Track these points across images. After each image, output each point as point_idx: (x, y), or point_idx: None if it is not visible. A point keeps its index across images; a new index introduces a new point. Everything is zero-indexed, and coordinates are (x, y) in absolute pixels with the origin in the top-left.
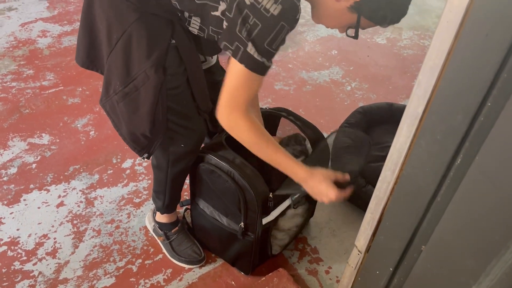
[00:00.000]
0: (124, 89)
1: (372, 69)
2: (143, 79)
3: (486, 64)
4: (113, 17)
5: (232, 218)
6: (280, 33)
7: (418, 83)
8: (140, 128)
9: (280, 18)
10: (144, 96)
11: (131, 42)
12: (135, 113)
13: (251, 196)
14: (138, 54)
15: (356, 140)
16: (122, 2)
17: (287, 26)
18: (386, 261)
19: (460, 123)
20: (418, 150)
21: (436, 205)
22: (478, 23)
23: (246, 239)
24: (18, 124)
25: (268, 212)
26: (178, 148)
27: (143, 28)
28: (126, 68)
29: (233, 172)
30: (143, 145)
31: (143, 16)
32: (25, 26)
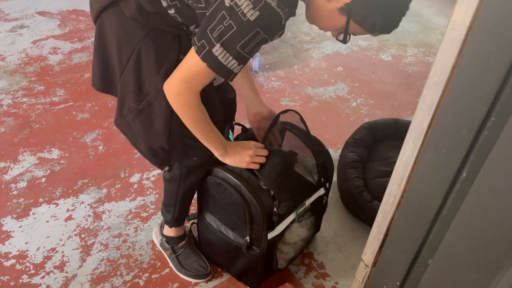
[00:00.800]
0: (138, 107)
1: (377, 86)
2: (155, 94)
3: (489, 80)
4: (122, 37)
5: (238, 232)
6: (254, 39)
7: (423, 99)
8: (157, 142)
9: (256, 25)
10: (157, 110)
11: (141, 59)
12: (150, 128)
13: (257, 209)
14: (148, 70)
15: None
16: (130, 21)
17: (263, 34)
18: (393, 275)
19: (465, 137)
20: (423, 164)
21: (442, 218)
22: (481, 40)
23: (251, 253)
24: (29, 138)
25: (273, 227)
26: (191, 161)
27: (151, 44)
28: (138, 85)
29: (239, 186)
30: (163, 158)
31: (150, 32)
32: (37, 43)
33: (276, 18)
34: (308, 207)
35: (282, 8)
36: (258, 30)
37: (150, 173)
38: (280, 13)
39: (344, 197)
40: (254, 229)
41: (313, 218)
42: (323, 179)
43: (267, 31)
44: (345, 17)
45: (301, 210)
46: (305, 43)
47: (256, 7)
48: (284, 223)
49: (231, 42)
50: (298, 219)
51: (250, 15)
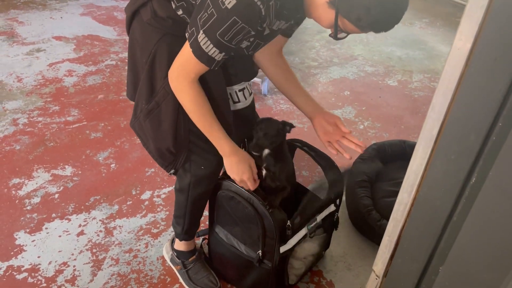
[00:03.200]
0: (148, 107)
1: (384, 110)
2: (164, 95)
3: (496, 87)
4: (143, 42)
5: (250, 246)
6: (232, 27)
7: (432, 107)
8: (164, 143)
9: (232, 13)
10: (164, 111)
11: (155, 61)
12: (158, 129)
13: (270, 223)
14: (160, 72)
15: None
16: (147, 27)
17: (241, 23)
18: (404, 284)
19: (473, 142)
20: (433, 171)
21: (452, 224)
22: (487, 49)
23: (262, 267)
24: (43, 156)
25: (286, 240)
26: (198, 170)
27: (164, 47)
28: (151, 86)
29: (252, 199)
30: (169, 160)
31: (164, 36)
32: (53, 66)
33: (252, 8)
34: (319, 223)
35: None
36: (235, 18)
37: (161, 190)
38: (257, 3)
39: (353, 216)
40: (266, 242)
41: (324, 235)
42: (333, 196)
43: (245, 21)
44: (334, 10)
45: (312, 226)
46: (312, 68)
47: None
48: (296, 237)
49: (211, 30)
50: (310, 235)
51: (228, 3)
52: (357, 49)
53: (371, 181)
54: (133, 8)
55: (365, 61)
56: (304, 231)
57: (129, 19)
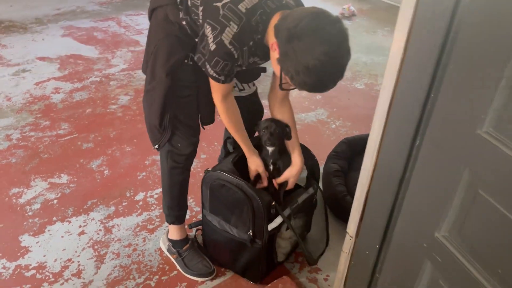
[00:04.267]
0: (148, 87)
1: (353, 110)
2: (158, 82)
3: (426, 68)
4: (153, 33)
5: (241, 228)
6: (218, 63)
7: (383, 88)
8: (153, 120)
9: (214, 54)
10: (156, 95)
11: (157, 53)
12: (150, 107)
13: (258, 203)
14: (159, 63)
15: None
16: (158, 25)
17: (224, 61)
18: (373, 240)
19: (415, 111)
20: (388, 138)
21: (406, 180)
22: (416, 45)
23: (254, 246)
24: (39, 167)
25: (272, 218)
26: (175, 146)
27: (166, 44)
28: (152, 72)
29: (241, 184)
30: (156, 136)
31: (168, 36)
32: (39, 84)
33: (228, 53)
34: (300, 204)
35: (235, 46)
36: (217, 58)
37: (153, 191)
38: (231, 50)
39: (330, 203)
40: (256, 222)
41: (305, 218)
42: (311, 180)
43: (226, 60)
44: (279, 66)
45: (294, 206)
46: None
47: (214, 41)
48: (281, 216)
49: (208, 60)
50: (293, 216)
51: (211, 46)
52: None
53: (344, 171)
54: (154, 6)
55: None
56: (288, 211)
57: (150, 11)
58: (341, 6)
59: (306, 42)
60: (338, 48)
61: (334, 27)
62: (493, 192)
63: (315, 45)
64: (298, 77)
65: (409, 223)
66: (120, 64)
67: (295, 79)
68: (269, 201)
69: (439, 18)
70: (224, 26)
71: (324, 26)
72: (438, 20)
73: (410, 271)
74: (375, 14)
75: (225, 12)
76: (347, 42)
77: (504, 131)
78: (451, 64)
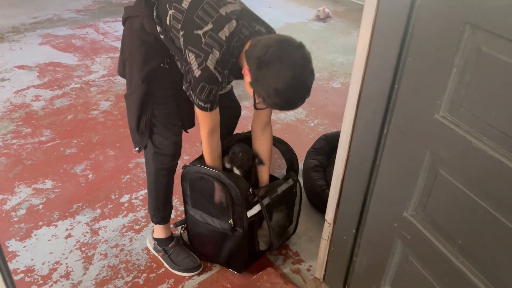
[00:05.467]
0: (127, 92)
1: (330, 108)
2: (134, 87)
3: (390, 63)
4: (128, 39)
5: (222, 219)
6: (204, 88)
7: (352, 82)
8: (132, 124)
9: (200, 80)
10: (134, 99)
11: (132, 60)
12: (129, 111)
13: (236, 192)
14: (135, 69)
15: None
16: (133, 33)
17: (209, 85)
18: (349, 225)
19: (381, 102)
20: (358, 128)
21: (376, 167)
22: (380, 41)
23: (235, 234)
24: (22, 173)
25: (251, 206)
26: (160, 147)
27: (141, 51)
28: (129, 77)
29: (219, 175)
30: (136, 139)
31: (143, 43)
32: (19, 92)
33: (213, 77)
34: (279, 194)
35: (219, 71)
36: (203, 84)
37: (138, 193)
38: (216, 74)
39: (310, 197)
40: (235, 209)
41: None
42: (290, 172)
43: (212, 84)
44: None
45: (273, 196)
46: None
47: (199, 67)
48: (260, 205)
49: (193, 88)
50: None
51: (195, 73)
52: None
53: (323, 166)
54: (129, 14)
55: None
56: (267, 200)
57: (124, 18)
58: (316, 9)
59: (274, 68)
60: (302, 72)
61: (298, 53)
62: (451, 170)
63: (282, 70)
64: (269, 99)
65: (380, 206)
66: (100, 71)
67: (266, 101)
68: (246, 188)
69: (398, 15)
70: (208, 53)
71: (289, 53)
72: (398, 17)
73: (383, 251)
74: (350, 16)
75: (207, 40)
76: (311, 65)
77: (457, 114)
78: (409, 57)
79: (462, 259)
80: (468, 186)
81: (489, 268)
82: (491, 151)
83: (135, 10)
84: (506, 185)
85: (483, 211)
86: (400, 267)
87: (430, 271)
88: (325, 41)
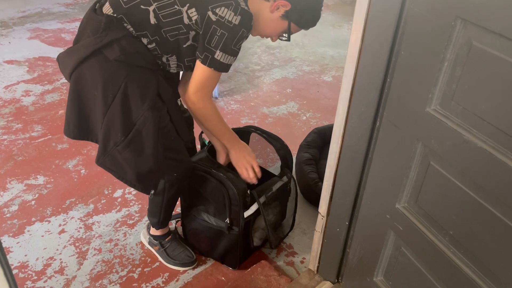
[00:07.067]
0: (128, 137)
1: (322, 102)
2: (143, 121)
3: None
4: (108, 78)
5: (219, 217)
6: (242, 36)
7: (344, 76)
8: (146, 166)
9: (241, 26)
10: (146, 135)
11: (127, 93)
12: (141, 154)
13: (233, 192)
14: (134, 102)
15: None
16: (113, 64)
17: (246, 31)
18: (342, 217)
19: (374, 96)
20: (351, 122)
21: (369, 160)
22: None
23: (231, 233)
24: (14, 169)
25: (247, 206)
26: (172, 176)
27: (134, 80)
28: (127, 117)
29: (217, 174)
30: (149, 181)
31: (131, 70)
32: (8, 88)
33: (250, 16)
34: (275, 192)
35: (249, 8)
36: (243, 29)
37: (131, 188)
38: (250, 12)
39: (303, 190)
40: (232, 209)
41: (279, 205)
42: (285, 169)
43: (248, 28)
44: (285, 21)
45: (269, 194)
46: (256, 71)
47: (237, 13)
48: (256, 204)
49: (227, 45)
50: (268, 203)
51: (235, 20)
52: (294, 52)
53: (315, 159)
54: (95, 47)
55: (302, 62)
56: (263, 199)
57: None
58: None
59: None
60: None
61: None
62: (442, 163)
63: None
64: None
65: (373, 198)
66: None
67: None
68: (244, 189)
69: (390, 9)
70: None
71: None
72: (390, 11)
73: (376, 242)
74: (341, 9)
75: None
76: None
77: (448, 108)
78: (402, 51)
79: (454, 250)
80: (459, 178)
81: (479, 258)
82: (481, 144)
83: (103, 39)
84: (496, 177)
85: (473, 202)
86: (393, 258)
87: (423, 261)
88: (316, 34)
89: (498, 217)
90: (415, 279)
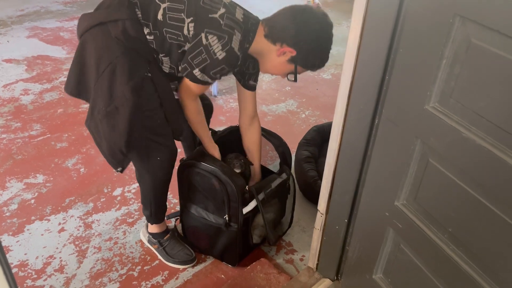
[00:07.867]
0: (107, 109)
1: (321, 99)
2: (122, 100)
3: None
4: (103, 51)
5: (217, 214)
6: (222, 71)
7: (343, 73)
8: (117, 143)
9: (223, 63)
10: (122, 115)
11: (116, 71)
12: (114, 130)
13: (232, 188)
14: (120, 81)
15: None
16: (112, 39)
17: (227, 69)
18: (341, 215)
19: (373, 93)
20: (350, 120)
21: (368, 157)
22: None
23: (230, 230)
24: (13, 168)
25: (246, 203)
26: (155, 161)
27: (126, 60)
28: (110, 91)
29: (216, 171)
30: (119, 159)
31: (126, 51)
32: (7, 87)
33: (236, 59)
34: (274, 189)
35: (240, 51)
36: (224, 66)
37: (130, 186)
38: (239, 56)
39: (302, 188)
40: (231, 206)
41: (278, 202)
42: (284, 166)
43: (230, 66)
44: (292, 65)
45: (268, 191)
46: None
47: (224, 49)
48: (255, 201)
49: (206, 69)
50: (267, 200)
51: (220, 55)
52: None
53: (315, 157)
54: (102, 20)
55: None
56: (262, 195)
57: (90, 26)
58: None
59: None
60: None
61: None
62: (441, 160)
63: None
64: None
65: (372, 195)
66: None
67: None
68: (242, 185)
69: (389, 7)
70: (231, 34)
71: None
72: (389, 8)
73: (375, 240)
74: (340, 6)
75: (226, 22)
76: None
77: (447, 105)
78: (400, 48)
79: (453, 247)
80: (458, 175)
81: (478, 255)
82: (480, 141)
83: (111, 15)
84: (494, 174)
85: (472, 199)
86: (392, 255)
87: (422, 259)
88: None
89: (497, 214)
90: (414, 276)
